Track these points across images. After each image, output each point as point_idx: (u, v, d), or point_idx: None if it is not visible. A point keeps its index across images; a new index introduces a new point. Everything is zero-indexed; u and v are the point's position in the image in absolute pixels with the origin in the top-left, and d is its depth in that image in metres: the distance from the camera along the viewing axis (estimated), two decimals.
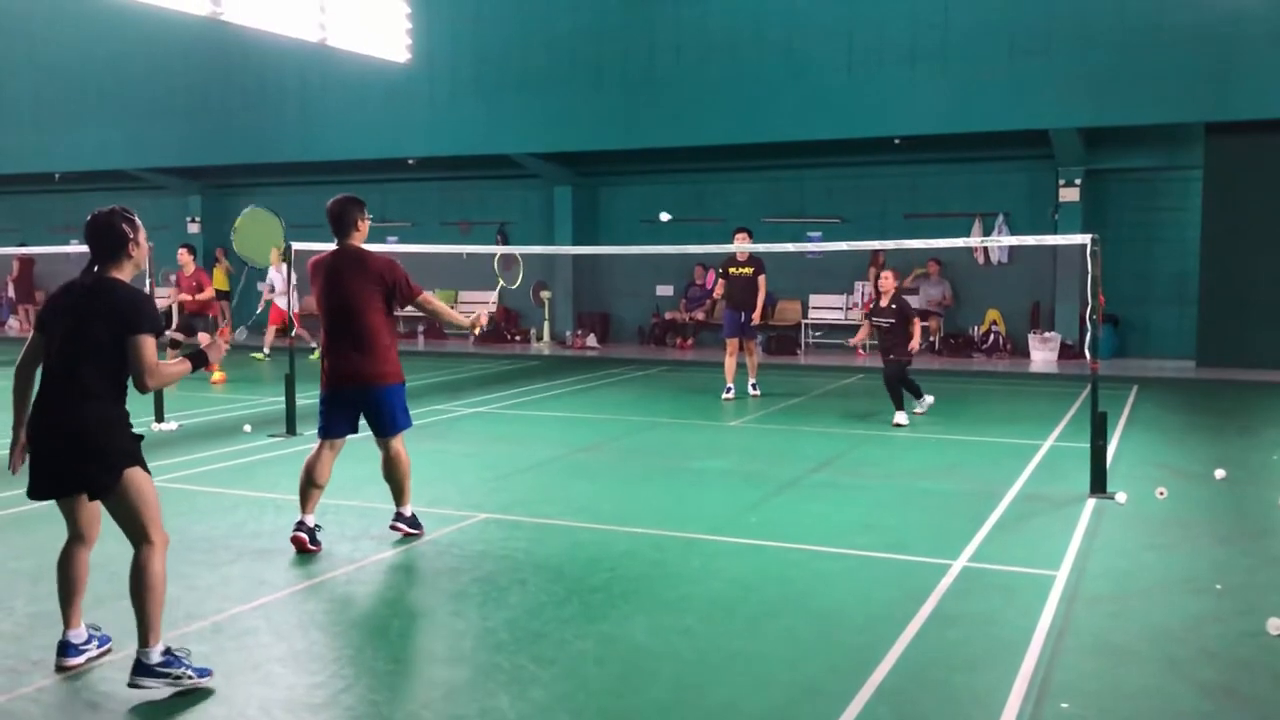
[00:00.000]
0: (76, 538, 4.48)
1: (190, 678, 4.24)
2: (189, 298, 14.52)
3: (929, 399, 11.78)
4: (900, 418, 10.99)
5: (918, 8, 16.54)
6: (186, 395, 12.90)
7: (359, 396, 6.32)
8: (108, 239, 4.40)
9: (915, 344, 11.14)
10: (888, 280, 11.37)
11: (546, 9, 18.59)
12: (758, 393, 13.18)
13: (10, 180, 24.45)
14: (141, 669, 4.22)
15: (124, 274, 4.42)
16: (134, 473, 4.30)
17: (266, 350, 18.08)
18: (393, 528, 6.64)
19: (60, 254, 18.76)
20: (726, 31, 17.67)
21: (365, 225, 6.53)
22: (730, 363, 13.01)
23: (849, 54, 16.85)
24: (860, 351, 17.25)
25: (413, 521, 6.67)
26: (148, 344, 4.26)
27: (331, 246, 6.50)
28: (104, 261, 4.41)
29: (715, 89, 17.72)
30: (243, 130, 20.93)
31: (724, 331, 13.38)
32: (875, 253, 18.33)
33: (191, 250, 14.88)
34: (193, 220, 24.21)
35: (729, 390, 12.96)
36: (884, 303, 11.28)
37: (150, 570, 4.28)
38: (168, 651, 4.27)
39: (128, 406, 4.41)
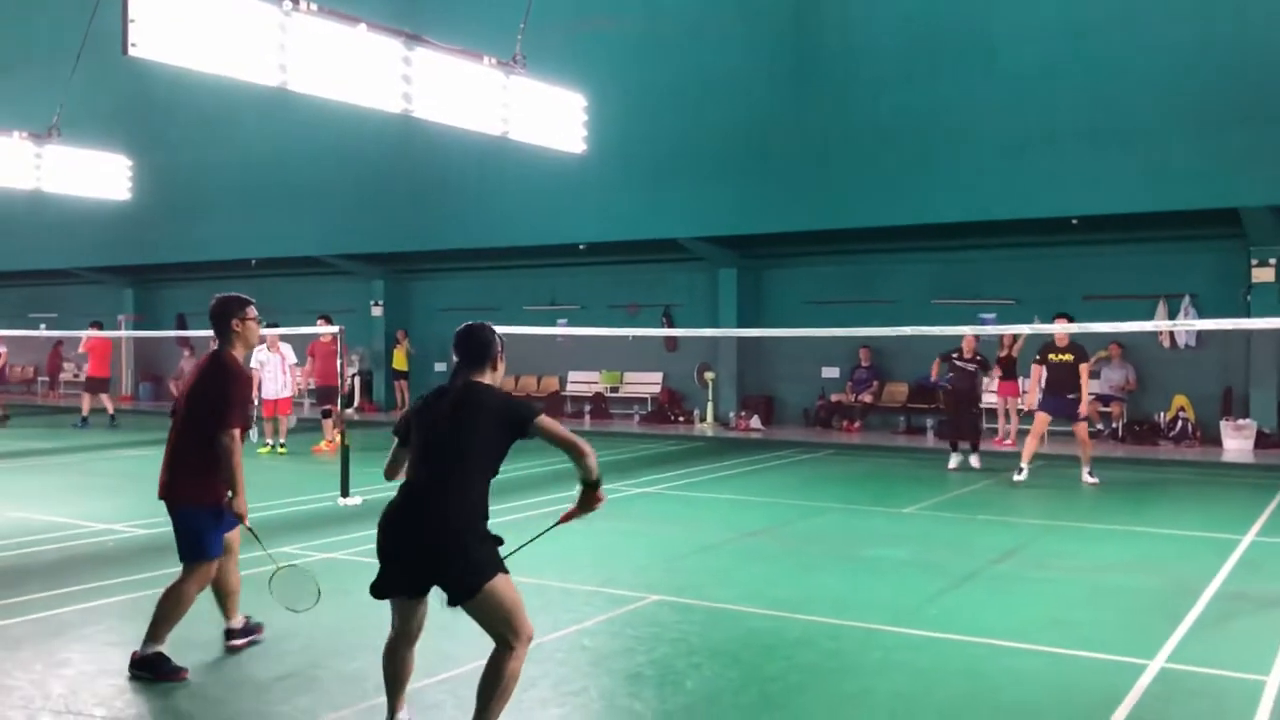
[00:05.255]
0: (405, 635, 4.53)
1: None
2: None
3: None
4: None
5: (1099, 84, 16.15)
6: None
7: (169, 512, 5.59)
8: (481, 348, 4.51)
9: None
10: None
11: (711, 98, 18.95)
12: (1095, 480, 12.71)
13: (211, 266, 26.21)
14: None
15: (487, 379, 4.53)
16: (499, 580, 4.30)
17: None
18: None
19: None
20: (892, 112, 17.61)
21: (246, 328, 5.53)
22: (1033, 444, 12.93)
23: (1024, 132, 16.54)
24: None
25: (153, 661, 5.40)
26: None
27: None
28: (474, 368, 4.50)
29: (880, 170, 17.60)
30: (424, 219, 21.97)
31: (1039, 407, 13.17)
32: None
33: (327, 319, 15.76)
34: (376, 304, 25.40)
35: (1021, 471, 12.84)
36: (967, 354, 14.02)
37: (507, 671, 4.33)
38: None
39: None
